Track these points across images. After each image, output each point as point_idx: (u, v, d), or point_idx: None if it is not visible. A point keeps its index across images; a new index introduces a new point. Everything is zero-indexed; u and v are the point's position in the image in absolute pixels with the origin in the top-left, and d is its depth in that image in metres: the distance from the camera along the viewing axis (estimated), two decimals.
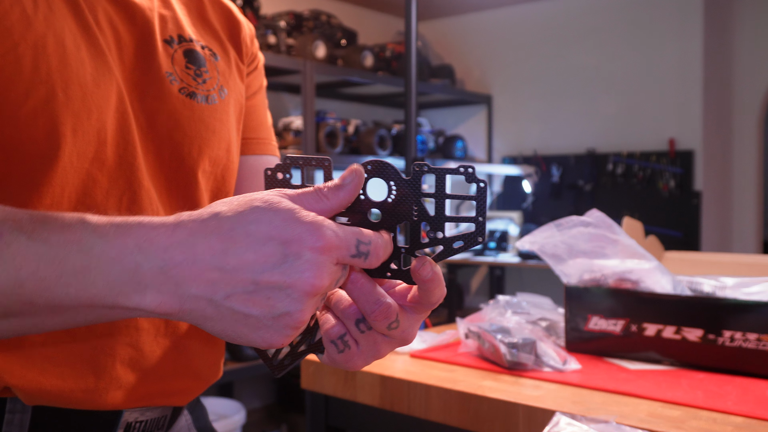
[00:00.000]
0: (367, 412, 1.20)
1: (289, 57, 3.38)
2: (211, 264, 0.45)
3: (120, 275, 0.46)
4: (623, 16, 4.22)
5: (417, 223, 0.53)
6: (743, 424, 0.91)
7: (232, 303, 0.46)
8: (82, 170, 0.66)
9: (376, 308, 0.52)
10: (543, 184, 4.49)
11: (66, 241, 0.46)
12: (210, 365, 0.80)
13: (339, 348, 0.55)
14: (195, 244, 0.46)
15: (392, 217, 0.52)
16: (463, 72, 4.81)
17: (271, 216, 0.46)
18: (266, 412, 3.87)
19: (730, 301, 1.14)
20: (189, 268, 0.46)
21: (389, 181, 0.52)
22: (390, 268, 0.54)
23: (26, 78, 0.62)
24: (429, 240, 0.53)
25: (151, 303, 0.46)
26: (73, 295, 0.47)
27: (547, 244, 1.27)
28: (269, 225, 0.45)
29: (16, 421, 0.66)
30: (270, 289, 0.45)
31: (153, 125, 0.73)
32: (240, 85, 0.85)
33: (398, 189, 0.52)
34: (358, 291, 0.52)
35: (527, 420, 0.99)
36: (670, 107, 4.06)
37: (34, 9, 0.64)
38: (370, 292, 0.52)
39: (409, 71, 2.00)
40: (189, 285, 0.46)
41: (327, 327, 0.55)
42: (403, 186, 0.52)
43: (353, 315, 0.53)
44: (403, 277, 0.54)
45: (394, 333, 0.54)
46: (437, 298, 0.54)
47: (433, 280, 0.52)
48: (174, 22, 0.78)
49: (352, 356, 0.55)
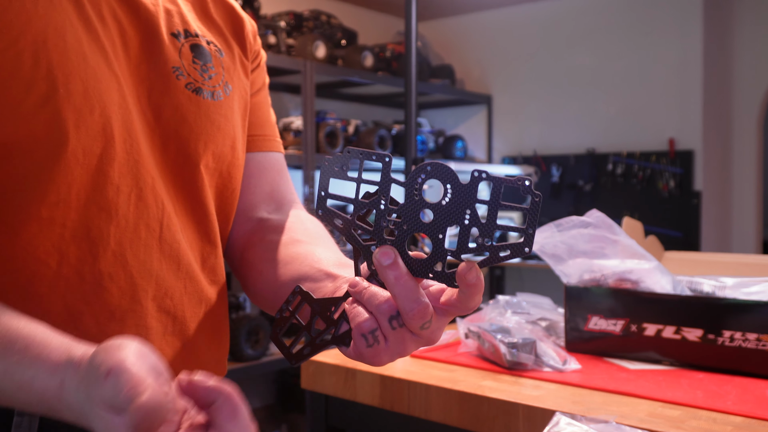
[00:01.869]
0: (367, 412, 1.20)
1: (289, 57, 3.38)
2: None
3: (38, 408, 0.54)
4: (623, 16, 4.22)
5: (467, 228, 0.53)
6: (743, 423, 0.91)
7: None
8: (91, 166, 0.66)
9: (415, 306, 0.53)
10: (543, 184, 4.49)
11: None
12: (216, 362, 0.80)
13: (369, 342, 0.55)
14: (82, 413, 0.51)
15: (444, 219, 0.53)
16: (463, 72, 4.81)
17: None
18: (266, 412, 3.87)
19: (730, 301, 1.15)
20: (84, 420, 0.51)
21: (446, 183, 0.52)
22: (433, 269, 0.54)
23: (26, 74, 0.62)
24: (477, 246, 0.53)
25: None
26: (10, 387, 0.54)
27: (547, 244, 1.27)
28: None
29: (24, 424, 0.66)
30: None
31: (159, 120, 0.73)
32: (245, 82, 0.84)
33: (453, 192, 0.52)
34: (401, 287, 0.53)
35: (527, 420, 0.99)
36: (670, 107, 4.06)
37: (34, 3, 0.63)
38: (412, 289, 0.53)
39: (409, 71, 2.00)
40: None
41: (359, 320, 0.55)
42: (459, 190, 0.52)
43: (387, 311, 0.54)
44: (444, 279, 0.54)
45: (424, 333, 0.55)
46: (475, 304, 0.54)
47: (477, 285, 0.53)
48: (179, 16, 0.78)
49: (379, 352, 0.56)
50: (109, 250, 0.67)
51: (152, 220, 0.70)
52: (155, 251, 0.71)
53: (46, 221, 0.64)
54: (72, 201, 0.65)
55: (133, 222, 0.69)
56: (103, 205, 0.66)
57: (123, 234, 0.68)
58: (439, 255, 0.54)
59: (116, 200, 0.67)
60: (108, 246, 0.67)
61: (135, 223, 0.69)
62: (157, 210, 0.71)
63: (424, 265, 0.54)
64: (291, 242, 0.78)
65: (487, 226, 0.53)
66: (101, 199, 0.66)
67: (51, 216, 0.64)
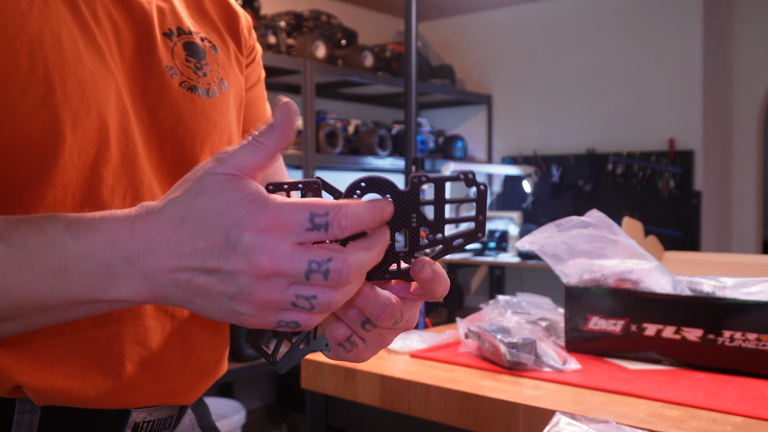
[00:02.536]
0: (367, 412, 1.20)
1: (289, 57, 3.38)
2: (168, 253, 0.47)
3: (95, 271, 0.49)
4: (623, 16, 4.23)
5: (416, 229, 0.54)
6: (743, 423, 0.91)
7: (194, 287, 0.48)
8: (86, 168, 0.65)
9: (381, 312, 0.53)
10: (543, 184, 4.49)
11: (41, 243, 0.49)
12: (216, 359, 0.80)
13: (347, 348, 0.56)
14: (152, 236, 0.48)
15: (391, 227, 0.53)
16: (463, 72, 4.81)
17: (216, 202, 0.46)
18: (266, 412, 3.87)
19: (730, 301, 1.15)
20: (150, 259, 0.48)
21: (385, 194, 0.53)
22: (389, 270, 0.54)
23: (23, 76, 0.61)
24: (428, 241, 0.54)
25: (128, 294, 0.49)
26: (57, 295, 0.49)
27: (547, 244, 1.27)
28: (214, 210, 0.46)
29: (25, 422, 0.66)
30: (218, 273, 0.47)
31: (155, 120, 0.72)
32: (240, 77, 0.84)
33: (395, 200, 0.53)
34: (361, 299, 0.53)
35: (527, 420, 0.99)
36: (670, 107, 4.06)
37: (29, 5, 0.63)
38: (374, 299, 0.53)
39: (409, 71, 2.00)
40: (154, 275, 0.48)
41: (332, 331, 0.55)
42: (400, 198, 0.53)
43: (357, 318, 0.54)
44: (402, 276, 0.55)
45: (399, 325, 0.55)
46: (441, 293, 0.55)
47: (434, 280, 0.53)
48: (173, 14, 0.77)
49: (361, 352, 0.56)
50: None
51: None
52: None
53: None
54: (68, 202, 0.65)
55: None
56: (97, 205, 0.66)
57: None
58: (392, 258, 0.54)
59: (111, 201, 0.67)
60: None
61: None
62: None
63: (379, 269, 0.54)
64: None
65: (435, 223, 0.54)
66: (96, 200, 0.66)
67: None
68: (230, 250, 0.46)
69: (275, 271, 0.46)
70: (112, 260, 0.48)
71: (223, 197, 0.46)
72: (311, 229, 0.46)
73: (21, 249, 0.49)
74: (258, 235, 0.45)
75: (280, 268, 0.46)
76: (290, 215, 0.46)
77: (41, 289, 0.49)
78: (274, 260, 0.46)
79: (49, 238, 0.49)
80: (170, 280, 0.48)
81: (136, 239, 0.48)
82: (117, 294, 0.49)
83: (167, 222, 0.47)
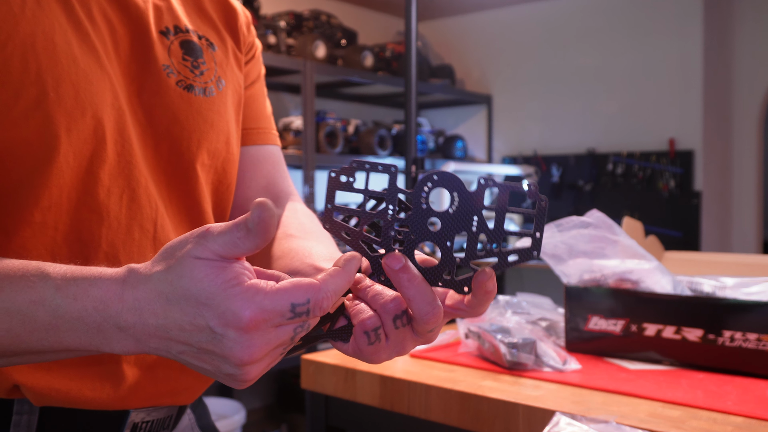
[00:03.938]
0: (367, 412, 1.20)
1: (289, 57, 3.38)
2: (157, 328, 0.49)
3: (87, 331, 0.51)
4: (623, 16, 4.22)
5: (475, 235, 0.53)
6: (743, 424, 0.91)
7: (185, 358, 0.50)
8: (82, 169, 0.65)
9: (430, 310, 0.53)
10: (543, 184, 4.49)
11: (32, 301, 0.51)
12: None
13: (371, 339, 0.55)
14: (142, 309, 0.49)
15: (452, 227, 0.53)
16: (463, 72, 4.81)
17: (196, 289, 0.48)
18: (266, 412, 3.86)
19: (730, 301, 1.14)
20: (141, 329, 0.49)
21: (453, 191, 0.52)
22: (442, 278, 0.54)
23: (15, 79, 0.61)
24: (485, 252, 0.53)
25: (120, 351, 0.51)
26: (48, 346, 0.52)
27: (547, 244, 1.27)
28: (196, 300, 0.48)
29: (23, 423, 0.66)
30: (209, 353, 0.49)
31: (151, 120, 0.72)
32: (238, 75, 0.83)
33: (461, 200, 0.52)
34: (415, 290, 0.52)
35: (527, 420, 0.99)
36: (670, 107, 4.06)
37: (21, 6, 0.62)
38: (428, 293, 0.53)
39: (409, 71, 2.00)
40: (146, 341, 0.50)
41: (363, 317, 0.54)
42: (466, 198, 0.52)
43: (393, 310, 0.54)
44: (454, 286, 0.54)
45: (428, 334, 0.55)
46: (485, 309, 0.55)
47: (493, 292, 0.53)
48: (169, 12, 0.77)
49: (380, 349, 0.55)
50: (101, 251, 0.67)
51: (146, 221, 0.70)
52: (149, 252, 0.70)
53: (38, 225, 0.64)
54: (63, 204, 0.64)
55: (126, 223, 0.69)
56: (93, 207, 0.66)
57: (115, 235, 0.68)
58: (448, 263, 0.54)
59: (107, 202, 0.67)
60: (99, 248, 0.67)
61: (128, 224, 0.69)
62: (151, 210, 0.70)
63: (434, 273, 0.54)
64: (284, 237, 0.78)
65: (495, 231, 0.53)
66: (92, 202, 0.66)
67: (43, 220, 0.64)
68: (216, 341, 0.48)
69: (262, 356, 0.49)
70: (103, 325, 0.50)
71: (203, 285, 0.47)
72: (292, 318, 0.48)
73: (11, 304, 0.51)
74: (241, 334, 0.47)
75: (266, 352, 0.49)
76: (271, 308, 0.47)
77: (32, 340, 0.51)
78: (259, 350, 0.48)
79: (40, 297, 0.51)
80: (162, 345, 0.50)
81: (127, 311, 0.49)
82: (108, 350, 0.51)
83: (155, 297, 0.49)
